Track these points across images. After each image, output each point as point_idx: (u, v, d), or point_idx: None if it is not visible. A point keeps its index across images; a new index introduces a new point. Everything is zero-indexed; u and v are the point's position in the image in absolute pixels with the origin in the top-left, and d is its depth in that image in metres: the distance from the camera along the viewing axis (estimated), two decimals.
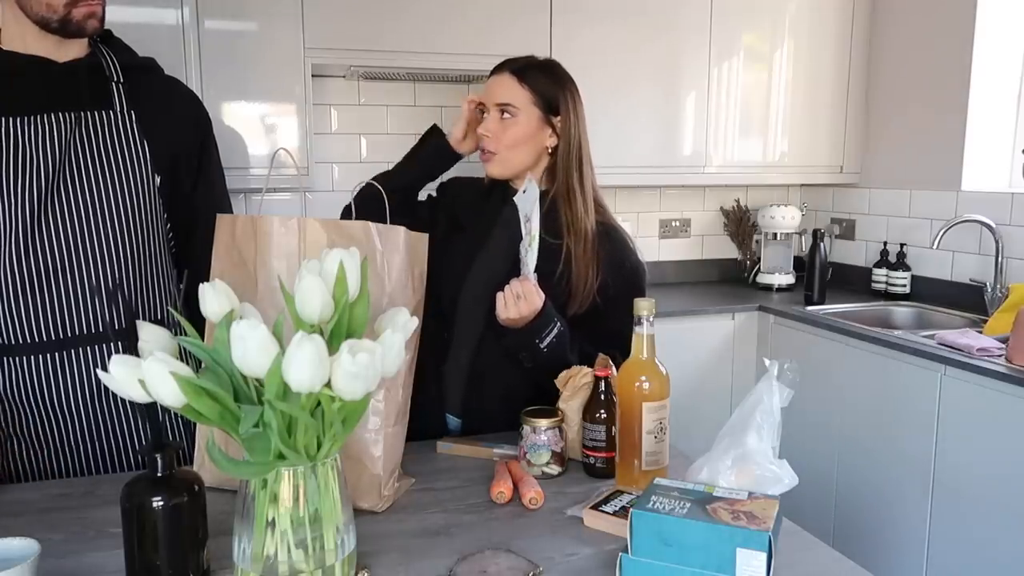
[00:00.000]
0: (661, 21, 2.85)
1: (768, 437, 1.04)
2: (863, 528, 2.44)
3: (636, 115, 2.87)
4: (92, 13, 1.30)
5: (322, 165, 2.81)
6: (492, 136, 1.43)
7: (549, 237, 1.37)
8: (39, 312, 1.28)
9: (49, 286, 1.28)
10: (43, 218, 1.27)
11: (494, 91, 1.45)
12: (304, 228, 1.12)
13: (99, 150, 1.33)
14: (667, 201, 3.38)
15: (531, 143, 1.44)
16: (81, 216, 1.30)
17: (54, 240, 1.28)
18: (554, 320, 1.33)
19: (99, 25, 1.32)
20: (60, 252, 1.29)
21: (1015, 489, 1.94)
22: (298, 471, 0.81)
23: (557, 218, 1.41)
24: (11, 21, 1.30)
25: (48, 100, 1.30)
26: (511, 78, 1.44)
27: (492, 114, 1.44)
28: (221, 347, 0.79)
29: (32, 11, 1.27)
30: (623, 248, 1.46)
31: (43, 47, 1.32)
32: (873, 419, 2.39)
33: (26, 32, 1.30)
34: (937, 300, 2.84)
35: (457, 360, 1.48)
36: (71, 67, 1.34)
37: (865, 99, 3.16)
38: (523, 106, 1.43)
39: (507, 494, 1.14)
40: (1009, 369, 1.97)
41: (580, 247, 1.40)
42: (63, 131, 1.30)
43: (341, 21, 2.46)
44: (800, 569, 0.95)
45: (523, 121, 1.43)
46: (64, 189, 1.29)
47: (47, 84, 1.31)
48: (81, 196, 1.30)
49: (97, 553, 0.99)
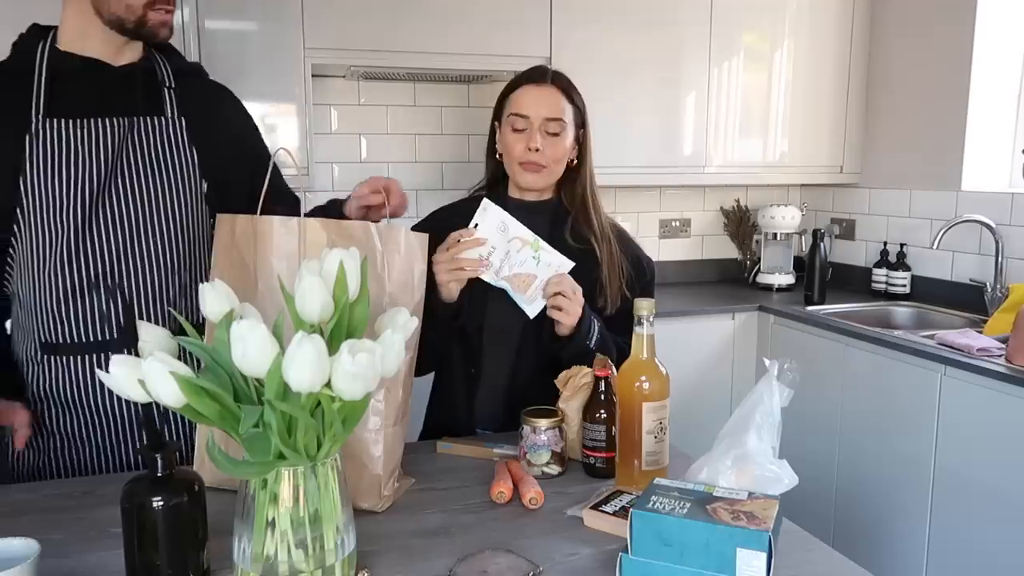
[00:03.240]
0: (661, 21, 2.85)
1: (768, 437, 1.04)
2: (863, 528, 2.44)
3: (636, 115, 2.87)
4: (165, 21, 1.31)
5: (322, 165, 2.81)
6: (543, 152, 1.40)
7: (577, 244, 1.41)
8: (86, 313, 1.29)
9: (96, 288, 1.29)
10: (92, 221, 1.28)
11: (543, 106, 1.40)
12: (304, 228, 1.13)
13: (150, 155, 1.33)
14: (667, 201, 3.38)
15: (565, 157, 1.45)
16: (129, 220, 1.31)
17: (103, 243, 1.29)
18: (592, 320, 1.36)
19: (169, 34, 1.33)
20: (108, 255, 1.29)
21: (1015, 489, 1.94)
22: (298, 471, 0.81)
23: (581, 227, 1.44)
24: (75, 20, 1.30)
25: (103, 104, 1.30)
26: (559, 93, 1.42)
27: (537, 127, 1.40)
28: (221, 347, 0.79)
29: (108, 10, 1.27)
30: (633, 244, 1.54)
31: (104, 50, 1.31)
32: (873, 419, 2.39)
33: (90, 32, 1.30)
34: (937, 300, 2.84)
35: (491, 388, 1.47)
36: (127, 72, 1.34)
37: (865, 99, 3.16)
38: (569, 122, 1.42)
39: (507, 494, 1.14)
40: (1009, 369, 1.97)
41: (607, 250, 1.45)
42: (115, 135, 1.30)
43: (341, 21, 2.46)
44: (800, 569, 0.95)
45: (565, 136, 1.42)
46: (114, 193, 1.30)
47: (103, 88, 1.31)
48: (131, 200, 1.31)
49: (97, 553, 0.99)
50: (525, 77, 1.44)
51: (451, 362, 1.48)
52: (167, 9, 1.30)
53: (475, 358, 1.46)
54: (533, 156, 1.40)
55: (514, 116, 1.42)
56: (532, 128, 1.40)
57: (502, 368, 1.46)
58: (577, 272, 1.37)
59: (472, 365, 1.46)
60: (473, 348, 1.45)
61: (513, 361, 1.45)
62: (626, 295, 1.44)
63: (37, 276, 1.28)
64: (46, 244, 1.27)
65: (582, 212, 1.46)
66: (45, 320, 1.29)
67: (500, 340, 1.45)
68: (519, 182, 1.45)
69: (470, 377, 1.47)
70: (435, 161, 2.97)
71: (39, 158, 1.25)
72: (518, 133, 1.41)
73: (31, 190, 1.25)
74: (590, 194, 1.47)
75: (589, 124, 1.48)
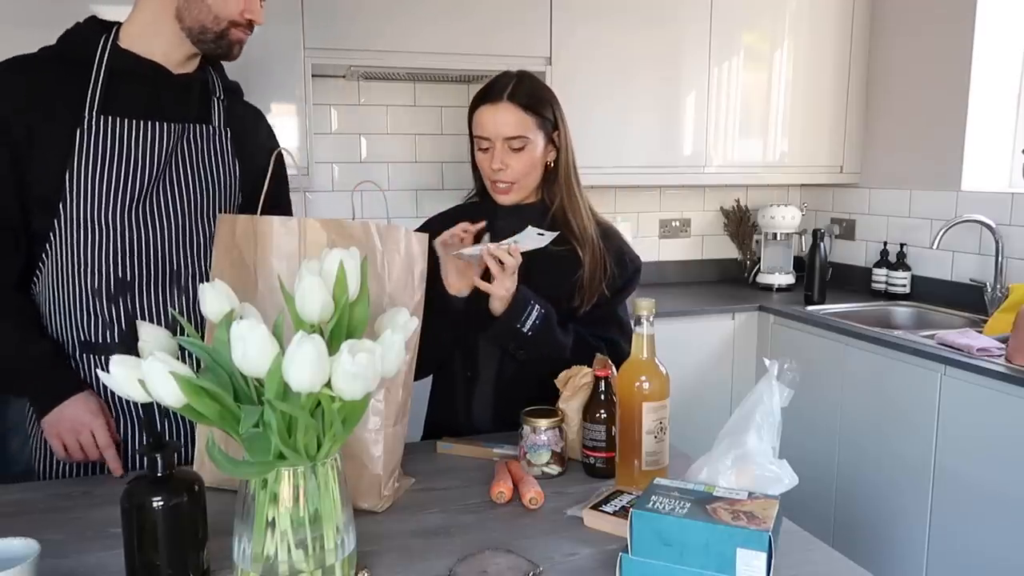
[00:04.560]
0: (661, 21, 2.84)
1: (768, 437, 1.04)
2: (863, 528, 2.44)
3: (636, 115, 2.87)
4: (242, 41, 1.33)
5: (322, 165, 2.81)
6: (508, 169, 1.39)
7: (558, 246, 1.38)
8: (123, 314, 1.29)
9: (134, 290, 1.29)
10: (135, 222, 1.28)
11: (500, 126, 1.38)
12: (304, 228, 1.13)
13: (198, 162, 1.35)
14: (667, 201, 3.38)
15: (539, 164, 1.43)
16: (172, 223, 1.31)
17: (142, 247, 1.29)
18: (530, 303, 1.33)
19: (239, 55, 1.34)
20: (147, 258, 1.30)
21: (1015, 489, 1.94)
22: (298, 471, 0.81)
23: (564, 227, 1.43)
24: (147, 20, 1.29)
25: (159, 109, 1.30)
26: (514, 108, 1.38)
27: (500, 146, 1.38)
28: (221, 347, 0.79)
29: (194, 18, 1.27)
30: (621, 242, 1.52)
31: (168, 55, 1.31)
32: (873, 419, 2.39)
33: (159, 35, 1.29)
34: (937, 300, 2.84)
35: (483, 389, 1.47)
36: (186, 81, 1.34)
37: (865, 99, 3.15)
38: (532, 133, 1.40)
39: (507, 494, 1.14)
40: (1009, 369, 1.97)
41: (589, 251, 1.43)
42: (167, 140, 1.30)
43: (341, 21, 2.46)
44: (800, 569, 0.95)
45: (533, 146, 1.40)
46: (160, 195, 1.30)
47: (161, 93, 1.31)
48: (175, 203, 1.32)
49: (97, 553, 0.99)
50: (482, 96, 1.41)
51: (450, 364, 1.48)
52: (247, 32, 1.32)
53: (472, 359, 1.46)
54: (499, 175, 1.40)
55: (478, 138, 1.41)
56: (495, 148, 1.39)
57: (496, 369, 1.46)
58: (557, 273, 1.38)
59: (469, 368, 1.46)
60: (470, 349, 1.45)
61: (500, 360, 1.44)
62: (604, 292, 1.43)
63: (71, 273, 1.28)
64: (85, 241, 1.27)
65: (562, 213, 1.44)
66: (73, 318, 1.29)
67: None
68: (495, 199, 1.44)
69: (468, 380, 1.47)
70: (435, 161, 2.97)
71: (88, 154, 1.25)
72: (484, 152, 1.41)
73: (77, 185, 1.25)
74: (568, 195, 1.45)
75: (577, 122, 1.46)
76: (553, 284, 1.39)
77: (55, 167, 1.24)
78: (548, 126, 1.42)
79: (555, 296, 1.38)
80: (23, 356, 1.27)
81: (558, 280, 1.40)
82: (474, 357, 1.46)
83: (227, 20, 1.28)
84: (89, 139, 1.24)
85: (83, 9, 2.09)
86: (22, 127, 1.23)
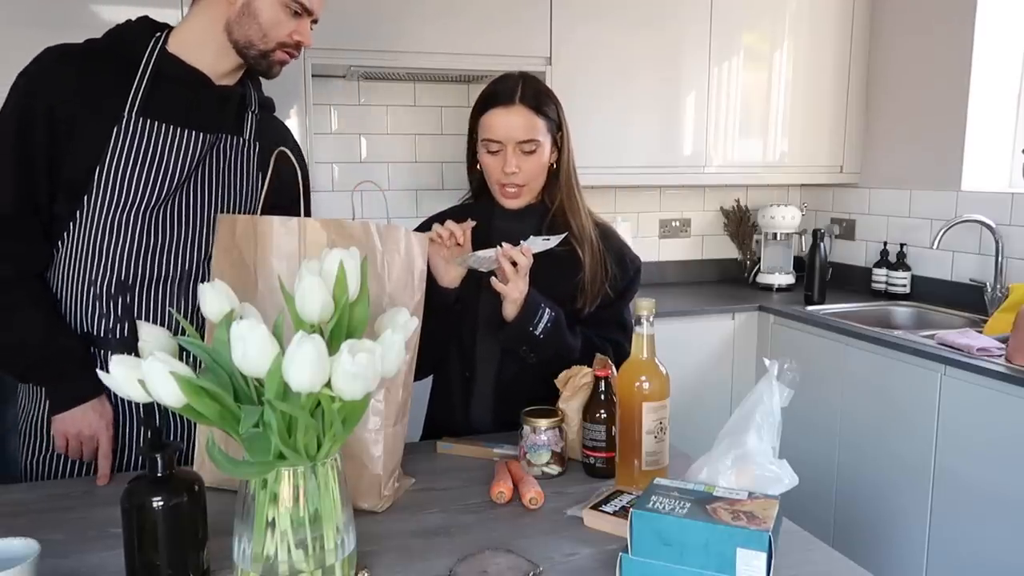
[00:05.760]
0: (661, 21, 2.85)
1: (768, 437, 1.04)
2: (863, 528, 2.44)
3: (636, 115, 2.87)
4: (285, 63, 1.34)
5: (322, 165, 2.81)
6: (520, 172, 1.39)
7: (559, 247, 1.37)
8: (124, 312, 1.29)
9: (151, 293, 1.30)
10: (156, 223, 1.29)
11: (513, 129, 1.37)
12: (304, 228, 1.13)
13: (225, 171, 1.35)
14: (667, 201, 3.38)
15: (547, 166, 1.43)
16: (194, 228, 1.32)
17: (160, 251, 1.30)
18: (541, 305, 1.33)
19: (278, 75, 1.36)
20: (165, 258, 1.30)
21: (1015, 489, 1.94)
22: (298, 471, 0.81)
23: (564, 228, 1.42)
24: (199, 29, 1.30)
25: (196, 117, 1.30)
26: (526, 111, 1.37)
27: (512, 149, 1.37)
28: (221, 347, 0.79)
29: (243, 33, 1.28)
30: (620, 242, 1.52)
31: (213, 65, 1.31)
32: (873, 419, 2.39)
33: (208, 45, 1.30)
34: (937, 300, 2.84)
35: (482, 390, 1.47)
36: (226, 93, 1.34)
37: (865, 99, 3.15)
38: (542, 136, 1.39)
39: (507, 494, 1.14)
40: (1009, 369, 1.97)
41: (589, 252, 1.43)
42: (198, 149, 1.31)
43: (341, 21, 2.46)
44: (800, 569, 0.95)
45: (542, 149, 1.40)
46: (185, 200, 1.31)
47: (199, 102, 1.31)
48: (198, 209, 1.32)
49: (97, 553, 0.99)
50: (492, 98, 1.39)
51: (447, 365, 1.48)
52: (292, 54, 1.33)
53: (470, 360, 1.46)
54: (510, 178, 1.39)
55: (486, 140, 1.39)
56: (506, 151, 1.38)
57: (495, 369, 1.45)
58: (558, 275, 1.38)
59: (467, 368, 1.46)
60: (467, 349, 1.45)
61: (500, 360, 1.44)
62: (608, 293, 1.44)
63: (87, 268, 1.28)
64: (104, 238, 1.27)
65: (561, 214, 1.44)
66: (77, 310, 1.29)
67: (491, 340, 1.44)
68: (502, 203, 1.44)
69: (466, 380, 1.47)
70: (435, 161, 2.98)
71: (121, 153, 1.25)
72: (493, 155, 1.40)
73: (104, 181, 1.25)
74: (568, 196, 1.45)
75: (577, 122, 1.46)
76: (555, 286, 1.39)
77: (88, 161, 1.24)
78: (554, 128, 1.42)
79: (558, 298, 1.38)
80: (52, 347, 1.26)
81: (560, 281, 1.40)
82: (471, 357, 1.46)
83: (276, 41, 1.29)
84: (125, 138, 1.25)
85: (83, 9, 2.11)
86: (66, 117, 1.23)
